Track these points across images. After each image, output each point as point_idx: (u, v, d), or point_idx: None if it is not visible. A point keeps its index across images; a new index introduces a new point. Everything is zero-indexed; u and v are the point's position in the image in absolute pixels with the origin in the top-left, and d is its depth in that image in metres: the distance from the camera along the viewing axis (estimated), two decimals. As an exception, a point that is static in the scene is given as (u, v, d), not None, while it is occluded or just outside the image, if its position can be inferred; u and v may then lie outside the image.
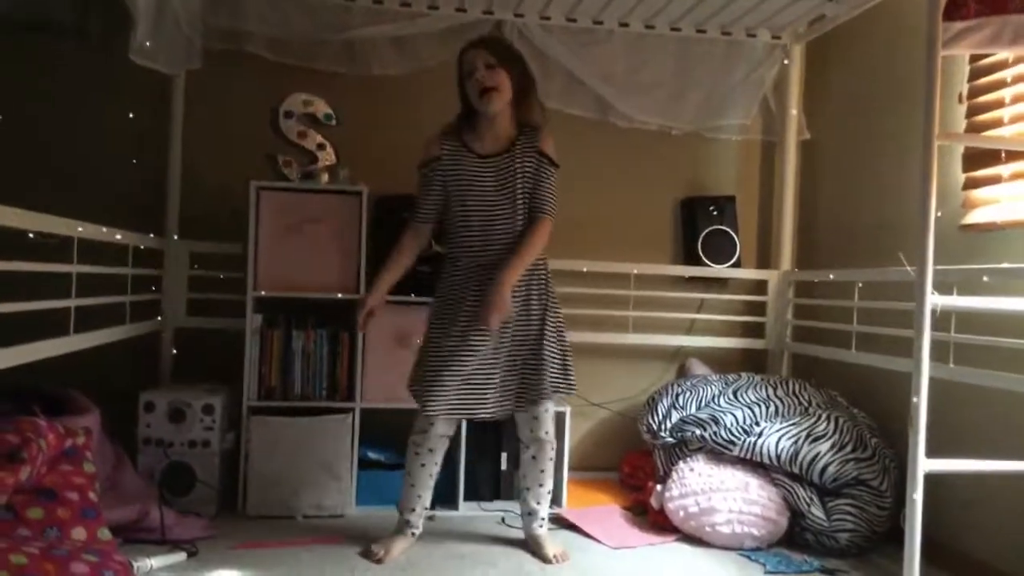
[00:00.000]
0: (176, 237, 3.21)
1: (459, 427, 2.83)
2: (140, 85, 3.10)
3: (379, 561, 2.44)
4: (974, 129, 2.63)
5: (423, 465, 2.55)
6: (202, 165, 3.26)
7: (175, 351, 3.20)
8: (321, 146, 2.99)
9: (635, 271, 3.51)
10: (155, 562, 2.26)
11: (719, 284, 3.66)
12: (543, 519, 2.64)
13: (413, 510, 2.57)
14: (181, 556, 2.35)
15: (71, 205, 2.32)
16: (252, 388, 2.89)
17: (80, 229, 2.27)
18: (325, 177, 3.02)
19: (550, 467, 2.63)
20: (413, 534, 2.58)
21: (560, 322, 2.59)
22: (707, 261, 3.58)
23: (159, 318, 3.12)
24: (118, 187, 3.18)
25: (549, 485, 2.65)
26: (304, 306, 2.98)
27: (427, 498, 2.59)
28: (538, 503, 2.63)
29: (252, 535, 2.61)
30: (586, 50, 3.46)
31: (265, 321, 2.93)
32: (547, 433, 2.60)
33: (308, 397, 2.95)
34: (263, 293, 2.91)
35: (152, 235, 3.03)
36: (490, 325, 2.38)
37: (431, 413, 2.45)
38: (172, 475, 2.74)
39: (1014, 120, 2.50)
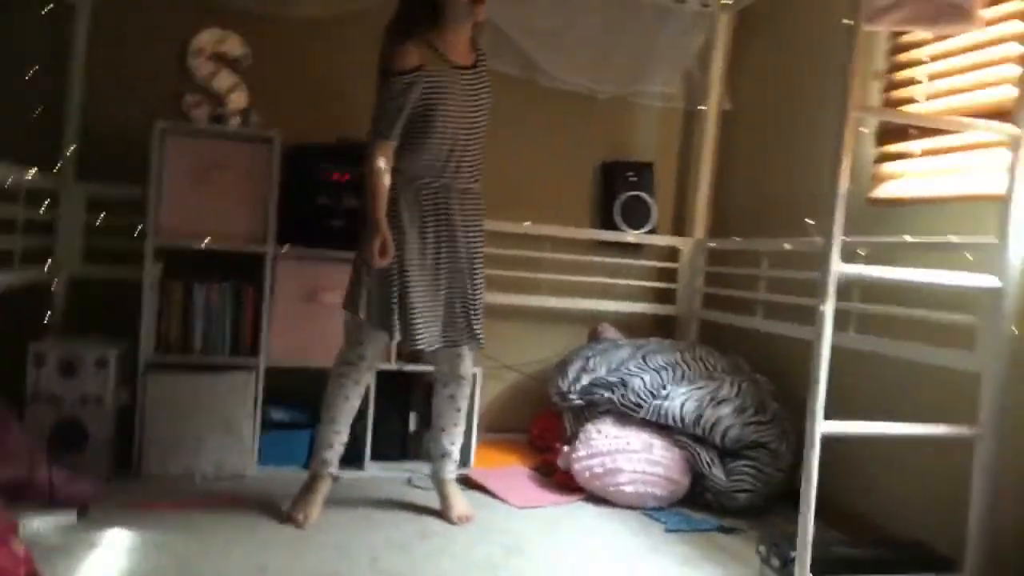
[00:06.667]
0: (73, 178, 3.02)
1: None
2: (40, 14, 2.87)
3: (301, 526, 2.36)
4: (890, 105, 2.68)
5: (347, 398, 2.47)
6: (104, 102, 3.05)
7: (68, 301, 3.03)
8: (232, 88, 2.85)
9: (550, 233, 3.50)
10: (42, 522, 2.15)
11: (633, 250, 3.69)
12: (456, 461, 2.61)
13: (331, 446, 2.48)
14: (71, 516, 2.25)
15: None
16: (150, 342, 2.77)
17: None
18: (236, 121, 2.88)
19: (465, 408, 2.60)
20: (332, 475, 2.49)
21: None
22: (623, 226, 3.59)
23: (51, 264, 2.94)
24: (9, 119, 2.93)
25: (463, 427, 2.62)
26: (208, 257, 2.85)
27: (344, 435, 2.50)
28: (452, 443, 2.59)
29: (147, 495, 2.51)
30: (513, 4, 3.38)
31: (165, 272, 2.80)
32: (469, 373, 2.58)
33: (209, 353, 2.84)
34: (164, 242, 2.77)
35: (46, 173, 2.83)
36: None
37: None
38: (62, 433, 2.59)
39: (929, 98, 2.56)
